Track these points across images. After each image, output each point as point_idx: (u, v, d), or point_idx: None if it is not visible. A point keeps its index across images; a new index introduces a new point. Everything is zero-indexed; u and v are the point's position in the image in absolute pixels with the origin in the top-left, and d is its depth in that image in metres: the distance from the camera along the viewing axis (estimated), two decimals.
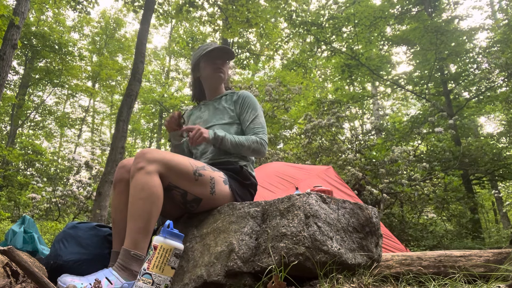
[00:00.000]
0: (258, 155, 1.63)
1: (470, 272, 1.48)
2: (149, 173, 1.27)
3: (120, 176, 1.42)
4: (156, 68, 19.36)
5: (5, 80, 4.93)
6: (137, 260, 1.20)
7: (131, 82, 4.95)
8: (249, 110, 1.68)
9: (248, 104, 1.69)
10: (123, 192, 1.40)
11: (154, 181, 1.27)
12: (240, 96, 1.72)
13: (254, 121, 1.66)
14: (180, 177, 1.36)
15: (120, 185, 1.42)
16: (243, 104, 1.69)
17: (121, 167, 1.44)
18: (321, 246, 1.17)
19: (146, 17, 5.41)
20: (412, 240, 6.40)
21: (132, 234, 1.22)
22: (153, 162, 1.29)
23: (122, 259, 1.20)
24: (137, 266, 1.20)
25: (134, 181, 1.27)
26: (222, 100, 1.75)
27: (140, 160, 1.29)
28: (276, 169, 3.98)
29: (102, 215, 4.31)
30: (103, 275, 1.16)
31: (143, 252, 1.22)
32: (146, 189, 1.25)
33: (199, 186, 1.40)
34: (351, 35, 9.05)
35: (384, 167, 6.49)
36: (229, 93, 1.79)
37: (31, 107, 14.52)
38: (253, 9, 7.19)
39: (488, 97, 9.39)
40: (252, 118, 1.66)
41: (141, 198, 1.24)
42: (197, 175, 1.39)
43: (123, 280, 1.16)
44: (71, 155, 7.44)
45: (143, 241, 1.23)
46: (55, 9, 13.08)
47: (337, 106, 8.24)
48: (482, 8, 10.98)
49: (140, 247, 1.22)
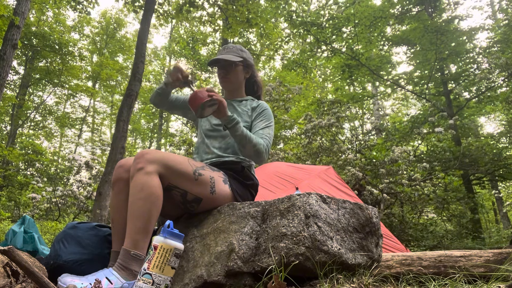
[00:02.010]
0: (258, 158, 1.60)
1: (471, 272, 1.48)
2: (149, 174, 1.27)
3: (119, 175, 1.42)
4: (156, 68, 19.38)
5: (5, 80, 4.94)
6: (137, 260, 1.20)
7: (131, 82, 4.95)
8: (264, 118, 1.71)
9: (264, 114, 1.73)
10: (122, 192, 1.40)
11: (154, 181, 1.27)
12: (259, 105, 1.77)
13: (264, 129, 1.67)
14: (180, 177, 1.36)
15: (118, 185, 1.42)
16: (261, 112, 1.73)
17: (119, 166, 1.44)
18: (321, 246, 1.17)
19: (146, 17, 5.41)
20: (412, 240, 6.40)
21: (132, 234, 1.23)
22: (153, 162, 1.29)
23: (122, 259, 1.20)
24: (137, 266, 1.20)
25: (133, 182, 1.28)
26: (242, 104, 1.79)
27: (140, 160, 1.29)
28: (277, 169, 3.99)
29: (102, 215, 4.31)
30: (103, 275, 1.16)
31: (143, 252, 1.22)
32: (145, 189, 1.25)
33: (199, 186, 1.40)
34: (351, 35, 9.05)
35: (384, 167, 6.49)
36: (250, 99, 1.83)
37: (31, 107, 14.54)
38: (253, 9, 7.20)
39: (488, 97, 9.39)
40: (263, 126, 1.68)
41: (140, 198, 1.24)
42: (197, 175, 1.39)
43: (123, 280, 1.16)
44: (72, 155, 7.45)
45: (143, 241, 1.23)
46: (55, 9, 13.10)
47: (337, 106, 8.24)
48: (482, 8, 10.98)
49: (140, 247, 1.22)
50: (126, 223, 1.31)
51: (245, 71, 1.82)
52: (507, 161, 8.36)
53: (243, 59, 1.77)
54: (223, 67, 1.76)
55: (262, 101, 1.82)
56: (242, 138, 1.51)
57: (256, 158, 1.60)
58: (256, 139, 1.56)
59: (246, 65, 1.81)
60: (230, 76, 1.76)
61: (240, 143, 1.53)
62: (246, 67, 1.81)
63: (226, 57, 1.71)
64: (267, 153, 1.60)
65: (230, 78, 1.77)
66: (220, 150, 1.65)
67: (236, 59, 1.73)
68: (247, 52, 1.86)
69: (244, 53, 1.82)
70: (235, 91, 1.82)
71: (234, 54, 1.77)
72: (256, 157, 1.59)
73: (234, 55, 1.76)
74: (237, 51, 1.80)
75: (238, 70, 1.78)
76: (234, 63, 1.74)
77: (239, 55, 1.78)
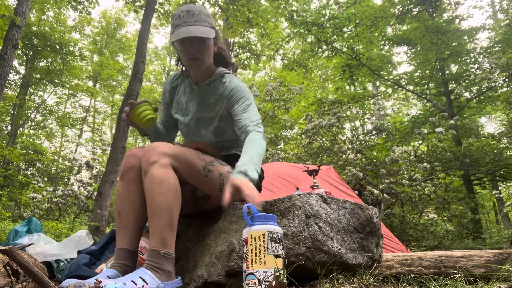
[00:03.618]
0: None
1: (471, 272, 1.48)
2: (164, 166, 1.19)
3: (130, 164, 1.30)
4: (157, 68, 19.39)
5: (6, 79, 4.95)
6: (168, 259, 1.13)
7: (132, 82, 4.95)
8: (240, 99, 1.47)
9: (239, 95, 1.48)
10: (133, 181, 1.28)
11: (172, 174, 1.20)
12: (227, 88, 1.50)
13: (247, 111, 1.45)
14: (191, 172, 1.30)
15: (129, 174, 1.29)
16: (234, 95, 1.48)
17: (130, 155, 1.32)
18: (322, 246, 1.17)
19: (147, 17, 5.41)
20: (412, 240, 6.40)
21: (158, 233, 1.14)
22: (166, 155, 1.21)
23: (152, 260, 1.11)
24: (169, 265, 1.13)
25: (149, 175, 1.19)
26: (211, 90, 1.54)
27: (152, 153, 1.21)
28: (277, 169, 3.98)
29: (102, 215, 4.31)
30: (137, 275, 1.08)
31: (171, 250, 1.15)
32: (164, 183, 1.17)
33: (208, 182, 1.35)
34: (352, 35, 9.04)
35: (385, 167, 6.48)
36: (219, 76, 1.54)
37: (32, 107, 14.55)
38: (254, 9, 7.20)
39: (489, 97, 9.38)
40: (244, 108, 1.46)
41: (161, 192, 1.16)
42: (207, 171, 1.34)
43: (158, 280, 1.08)
44: (72, 155, 7.45)
45: (171, 238, 1.15)
46: (56, 9, 13.09)
47: (338, 106, 8.23)
48: (483, 8, 10.99)
49: (169, 244, 1.14)
50: (136, 216, 1.26)
51: (214, 42, 1.51)
52: (507, 161, 8.35)
53: (214, 29, 1.46)
54: (193, 44, 1.41)
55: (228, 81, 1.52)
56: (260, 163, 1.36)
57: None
58: (262, 147, 1.36)
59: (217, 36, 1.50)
60: (203, 56, 1.45)
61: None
62: (216, 38, 1.50)
63: (198, 32, 1.38)
64: (264, 137, 1.44)
65: (203, 57, 1.45)
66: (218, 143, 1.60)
67: (211, 34, 1.41)
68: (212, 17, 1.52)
69: (210, 18, 1.48)
70: (206, 70, 1.53)
71: (205, 25, 1.41)
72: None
73: (205, 25, 1.41)
74: (206, 18, 1.44)
75: (210, 44, 1.47)
76: (209, 39, 1.43)
77: (210, 24, 1.44)
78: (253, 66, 14.44)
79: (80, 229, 5.14)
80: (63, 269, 1.79)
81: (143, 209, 1.25)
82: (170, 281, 1.11)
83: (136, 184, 1.27)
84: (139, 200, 1.27)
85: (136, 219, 1.26)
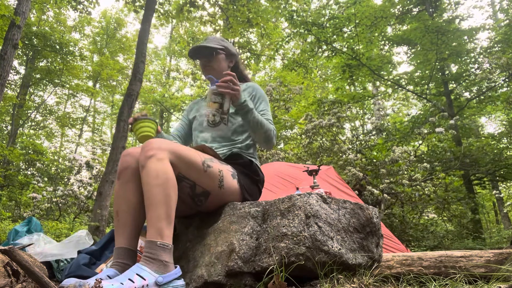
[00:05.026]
0: (267, 144, 1.59)
1: (471, 272, 1.48)
2: (161, 160, 1.21)
3: (126, 164, 1.33)
4: (157, 68, 19.39)
5: (6, 80, 4.94)
6: (165, 249, 1.13)
7: (132, 82, 4.95)
8: (258, 100, 1.70)
9: (257, 95, 1.71)
10: (130, 181, 1.31)
11: (168, 167, 1.22)
12: (248, 88, 1.74)
13: (264, 113, 1.65)
14: (190, 167, 1.31)
15: (126, 174, 1.32)
16: (252, 94, 1.71)
17: (127, 155, 1.36)
18: (322, 246, 1.17)
19: (147, 17, 5.41)
20: (412, 240, 6.39)
21: (154, 224, 1.14)
22: (163, 149, 1.24)
23: (148, 251, 1.12)
24: (166, 256, 1.12)
25: (146, 169, 1.20)
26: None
27: (149, 148, 1.24)
28: (277, 169, 3.98)
29: (103, 215, 4.31)
30: (133, 272, 1.08)
31: (169, 241, 1.15)
32: (161, 175, 1.19)
33: (207, 178, 1.35)
34: (352, 35, 9.04)
35: (385, 167, 6.48)
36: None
37: (32, 107, 14.54)
38: (254, 9, 7.20)
39: (489, 97, 9.37)
40: (262, 109, 1.67)
41: (158, 184, 1.18)
42: (206, 166, 1.35)
43: (155, 274, 1.08)
44: (72, 155, 7.44)
45: (168, 229, 1.16)
46: (56, 9, 13.10)
47: (338, 106, 8.23)
48: (483, 8, 10.99)
49: (166, 235, 1.14)
50: (134, 214, 1.27)
51: (228, 59, 1.80)
52: (507, 161, 8.35)
53: (224, 47, 1.76)
54: (204, 56, 1.73)
55: (249, 83, 1.79)
56: (254, 124, 1.51)
57: (266, 144, 1.59)
58: (268, 125, 1.56)
59: (229, 54, 1.79)
60: (213, 64, 1.73)
61: (252, 129, 1.54)
62: (229, 55, 1.79)
63: (206, 45, 1.70)
64: (275, 137, 1.61)
65: (212, 65, 1.73)
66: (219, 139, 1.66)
67: (217, 46, 1.72)
68: (229, 43, 1.84)
69: (225, 42, 1.80)
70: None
71: (215, 43, 1.75)
72: (266, 143, 1.59)
73: (215, 43, 1.75)
74: (218, 41, 1.78)
75: (220, 57, 1.76)
76: (215, 50, 1.72)
77: (220, 44, 1.77)
78: (253, 66, 14.43)
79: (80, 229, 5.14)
80: (63, 269, 1.79)
81: (141, 208, 1.27)
82: (168, 272, 1.10)
83: (133, 184, 1.30)
84: (136, 199, 1.29)
85: (134, 218, 1.28)
